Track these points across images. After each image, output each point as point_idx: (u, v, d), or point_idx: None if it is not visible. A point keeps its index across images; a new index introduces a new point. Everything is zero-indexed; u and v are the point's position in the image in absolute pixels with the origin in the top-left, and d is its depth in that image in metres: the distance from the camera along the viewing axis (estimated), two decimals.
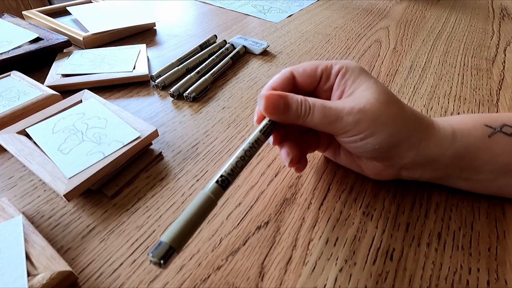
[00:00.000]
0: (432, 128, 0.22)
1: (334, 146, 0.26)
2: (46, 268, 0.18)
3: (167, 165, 0.27)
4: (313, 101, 0.21)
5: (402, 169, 0.23)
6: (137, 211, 0.23)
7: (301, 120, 0.21)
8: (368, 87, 0.21)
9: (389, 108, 0.20)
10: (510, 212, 0.24)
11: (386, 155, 0.21)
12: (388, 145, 0.21)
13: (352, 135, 0.20)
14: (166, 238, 0.15)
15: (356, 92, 0.21)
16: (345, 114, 0.20)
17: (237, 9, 0.62)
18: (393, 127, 0.20)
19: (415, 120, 0.21)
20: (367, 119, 0.20)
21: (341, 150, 0.26)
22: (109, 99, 0.35)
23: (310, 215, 0.23)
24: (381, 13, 0.63)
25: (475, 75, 0.42)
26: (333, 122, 0.20)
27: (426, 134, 0.21)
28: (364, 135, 0.20)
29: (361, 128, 0.20)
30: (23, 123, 0.27)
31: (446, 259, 0.21)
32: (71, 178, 0.22)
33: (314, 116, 0.20)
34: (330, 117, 0.20)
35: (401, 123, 0.21)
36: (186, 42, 0.49)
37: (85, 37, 0.43)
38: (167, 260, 0.14)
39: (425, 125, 0.22)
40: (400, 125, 0.21)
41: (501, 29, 0.58)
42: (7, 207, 0.21)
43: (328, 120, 0.20)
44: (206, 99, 0.36)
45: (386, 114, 0.20)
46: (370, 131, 0.20)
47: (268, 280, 0.19)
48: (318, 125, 0.21)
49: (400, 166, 0.23)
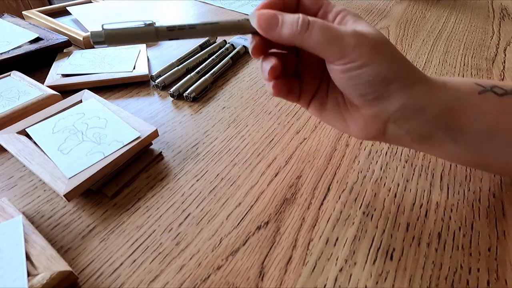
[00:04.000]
0: (425, 76, 0.22)
1: (320, 98, 0.25)
2: (46, 268, 0.18)
3: (167, 165, 0.27)
4: (314, 19, 0.19)
5: (390, 120, 0.22)
6: (137, 211, 0.23)
7: (298, 37, 0.19)
8: (368, 26, 0.21)
9: (388, 44, 0.20)
10: (510, 212, 0.24)
11: (379, 92, 0.20)
12: (382, 80, 0.20)
13: (349, 61, 0.19)
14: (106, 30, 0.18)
15: (358, 27, 0.21)
16: (347, 35, 0.19)
17: (237, 9, 0.62)
18: (391, 60, 0.20)
19: (410, 64, 0.21)
20: (368, 43, 0.19)
21: (328, 101, 0.24)
22: (109, 99, 0.35)
23: (310, 215, 0.23)
24: (381, 13, 0.63)
25: (475, 75, 0.42)
26: (333, 41, 0.19)
27: (420, 79, 0.21)
28: (362, 63, 0.19)
29: (361, 53, 0.19)
30: (23, 123, 0.27)
31: (446, 259, 0.21)
32: (71, 178, 0.22)
33: (312, 33, 0.19)
34: (330, 36, 0.19)
35: (398, 60, 0.21)
36: (186, 42, 0.49)
37: (85, 37, 0.43)
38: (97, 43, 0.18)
39: (418, 71, 0.22)
40: (397, 62, 0.20)
41: (501, 29, 0.58)
42: (7, 207, 0.21)
43: (328, 39, 0.19)
44: (206, 99, 0.36)
45: (385, 47, 0.20)
46: (368, 58, 0.19)
47: (268, 280, 0.19)
48: (316, 45, 0.19)
49: (390, 114, 0.21)
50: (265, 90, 0.38)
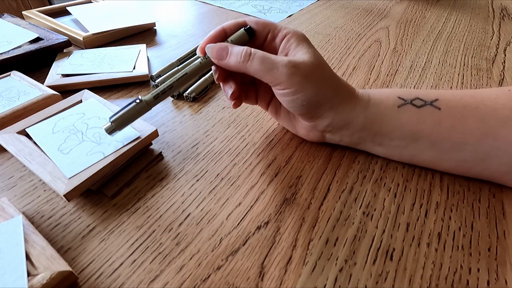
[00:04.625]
0: (352, 95, 0.25)
1: (275, 105, 0.29)
2: (46, 268, 0.18)
3: (167, 165, 0.27)
4: (255, 50, 0.23)
5: (325, 131, 0.27)
6: (137, 211, 0.23)
7: (242, 65, 0.24)
8: (307, 52, 0.24)
9: (319, 70, 0.24)
10: (510, 212, 0.24)
11: (312, 113, 0.25)
12: (314, 103, 0.24)
13: (285, 87, 0.23)
14: (114, 121, 0.23)
15: (297, 54, 0.24)
16: (281, 65, 0.23)
17: (237, 9, 0.62)
18: (320, 87, 0.24)
19: (339, 85, 0.25)
20: (300, 74, 0.23)
21: (281, 109, 0.29)
22: (109, 99, 0.35)
23: (310, 215, 0.23)
24: (381, 13, 0.63)
25: (475, 75, 0.42)
26: (269, 70, 0.23)
27: (346, 99, 0.25)
28: (295, 90, 0.23)
29: (294, 82, 0.23)
30: (23, 123, 0.27)
31: (446, 259, 0.21)
32: (71, 178, 0.22)
33: (253, 62, 0.23)
34: (267, 65, 0.23)
35: (327, 85, 0.24)
36: (186, 42, 0.49)
37: (85, 37, 0.43)
38: (112, 133, 0.23)
39: (346, 91, 0.25)
40: (326, 87, 0.24)
41: (501, 29, 0.58)
42: (7, 207, 0.21)
43: (266, 67, 0.23)
44: (206, 99, 0.36)
45: (316, 75, 0.24)
46: (300, 87, 0.23)
47: (268, 280, 0.19)
48: (257, 71, 0.23)
49: (323, 127, 0.26)
50: None
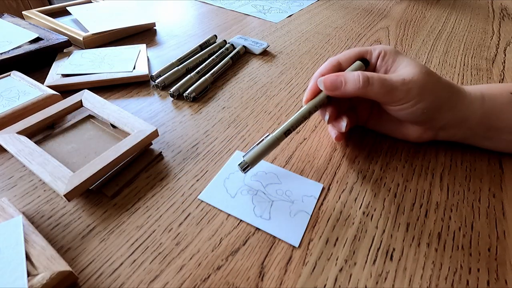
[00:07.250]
0: (463, 92, 0.27)
1: (374, 119, 0.30)
2: (46, 268, 0.18)
3: (167, 165, 0.27)
4: (371, 74, 0.24)
5: (440, 129, 0.28)
6: (137, 211, 0.23)
7: (361, 91, 0.24)
8: (408, 64, 0.26)
9: (430, 78, 0.25)
10: (510, 212, 0.24)
11: (432, 117, 0.26)
12: (434, 108, 0.25)
13: (403, 102, 0.25)
14: (247, 158, 0.24)
15: (398, 68, 0.26)
16: (399, 85, 0.24)
17: (237, 9, 0.62)
18: (437, 92, 0.25)
19: (450, 86, 0.26)
20: (416, 87, 0.24)
21: (383, 120, 0.30)
22: (109, 99, 0.35)
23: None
24: (381, 13, 0.63)
25: (475, 75, 0.42)
26: (389, 92, 0.24)
27: (460, 97, 0.26)
28: (415, 102, 0.24)
29: (412, 96, 0.24)
30: (23, 123, 0.27)
31: (446, 259, 0.21)
32: (71, 178, 0.22)
33: (374, 86, 0.24)
34: (387, 87, 0.24)
35: (442, 89, 0.25)
36: (186, 42, 0.49)
37: (85, 37, 0.43)
38: (245, 170, 0.24)
39: (458, 90, 0.26)
40: (441, 90, 0.25)
41: (501, 29, 0.58)
42: (7, 207, 0.21)
43: (385, 90, 0.24)
44: (206, 99, 0.36)
45: (430, 82, 0.25)
46: (419, 98, 0.24)
47: (268, 280, 0.19)
48: (377, 94, 0.24)
49: (439, 127, 0.27)
50: (265, 90, 0.38)
